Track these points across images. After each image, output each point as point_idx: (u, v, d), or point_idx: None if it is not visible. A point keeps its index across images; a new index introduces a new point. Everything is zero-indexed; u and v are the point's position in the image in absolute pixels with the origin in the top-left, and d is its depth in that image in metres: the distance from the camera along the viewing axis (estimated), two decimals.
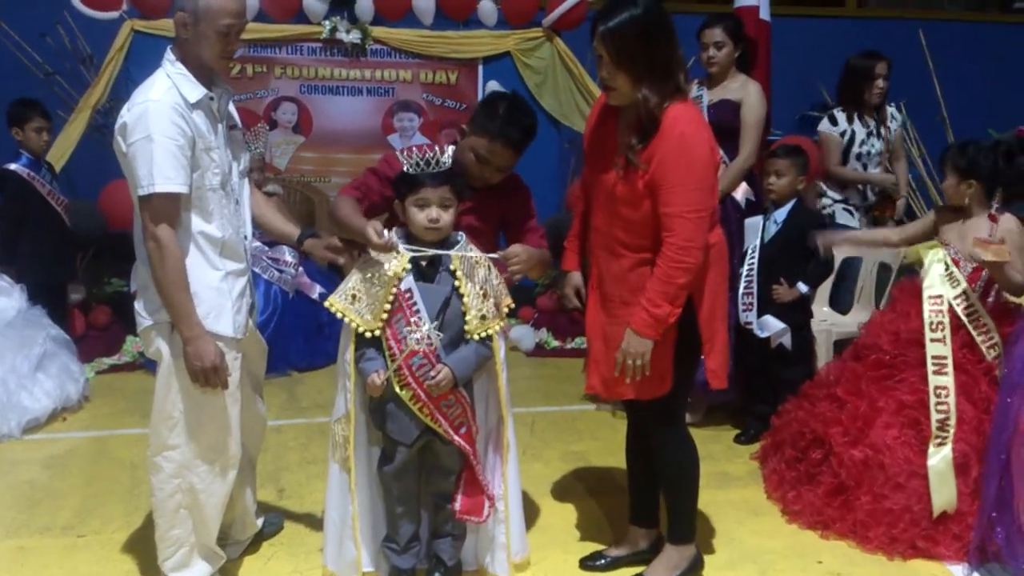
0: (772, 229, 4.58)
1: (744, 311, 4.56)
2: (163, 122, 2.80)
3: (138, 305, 3.03)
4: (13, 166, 5.34)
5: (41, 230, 5.40)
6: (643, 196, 2.95)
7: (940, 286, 3.78)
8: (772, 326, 4.52)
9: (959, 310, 3.73)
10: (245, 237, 3.17)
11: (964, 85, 7.62)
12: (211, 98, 2.96)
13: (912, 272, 4.08)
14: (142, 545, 3.57)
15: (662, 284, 2.93)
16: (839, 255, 5.12)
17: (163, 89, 2.86)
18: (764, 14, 6.00)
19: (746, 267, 4.57)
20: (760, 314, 4.54)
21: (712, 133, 3.03)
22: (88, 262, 6.08)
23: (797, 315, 4.57)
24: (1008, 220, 3.78)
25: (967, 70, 7.78)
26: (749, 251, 4.58)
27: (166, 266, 2.84)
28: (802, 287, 4.51)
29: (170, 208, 2.84)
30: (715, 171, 3.02)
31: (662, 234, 2.94)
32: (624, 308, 3.06)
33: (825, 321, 5.26)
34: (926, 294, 3.79)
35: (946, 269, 3.79)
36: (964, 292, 3.75)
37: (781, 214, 4.57)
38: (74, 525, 3.77)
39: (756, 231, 4.60)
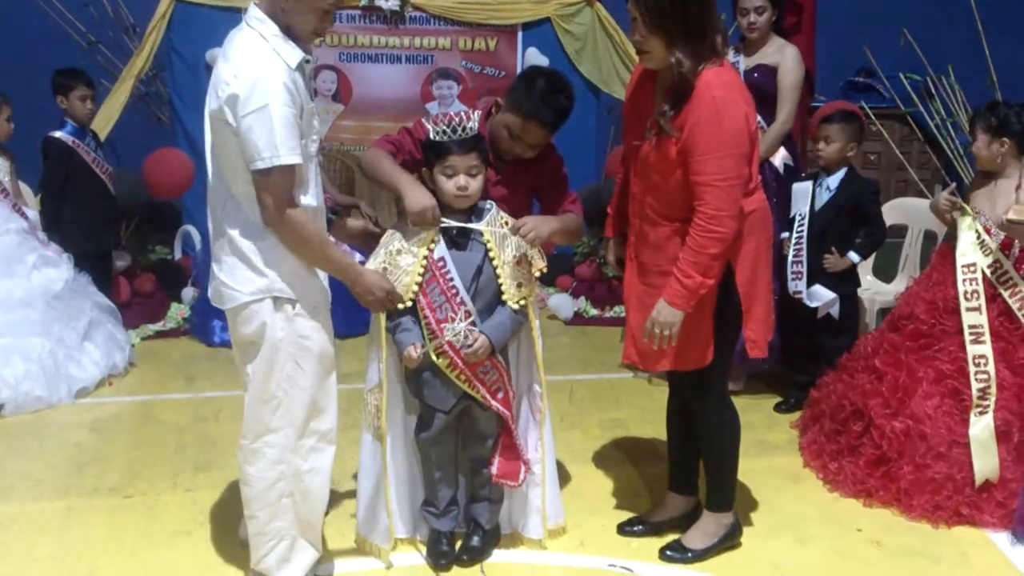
0: (824, 196, 4.50)
1: (793, 279, 4.47)
2: (279, 90, 2.62)
3: (226, 279, 2.82)
4: (58, 133, 5.39)
5: (86, 198, 5.43)
6: (676, 164, 2.91)
7: (973, 254, 3.73)
8: (822, 296, 4.44)
9: (993, 278, 3.70)
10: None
11: (1016, 47, 7.46)
12: (307, 61, 2.78)
13: (948, 239, 4.03)
14: (187, 506, 3.65)
15: (693, 254, 2.89)
16: (887, 222, 5.05)
17: (267, 53, 2.66)
18: None
19: (795, 235, 4.49)
20: (809, 283, 4.47)
21: (750, 98, 2.97)
22: (132, 230, 6.15)
23: (847, 284, 4.52)
24: None
25: (1019, 32, 7.60)
26: (797, 218, 4.50)
27: (305, 237, 2.76)
28: (854, 256, 4.45)
29: (291, 180, 2.70)
30: (750, 138, 2.92)
31: (694, 203, 2.89)
32: (660, 278, 3.02)
33: (868, 290, 5.18)
34: (959, 263, 3.75)
35: (978, 237, 3.74)
36: (997, 260, 3.71)
37: (833, 181, 4.48)
38: (120, 487, 3.83)
39: (805, 197, 4.52)
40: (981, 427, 3.59)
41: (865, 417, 3.83)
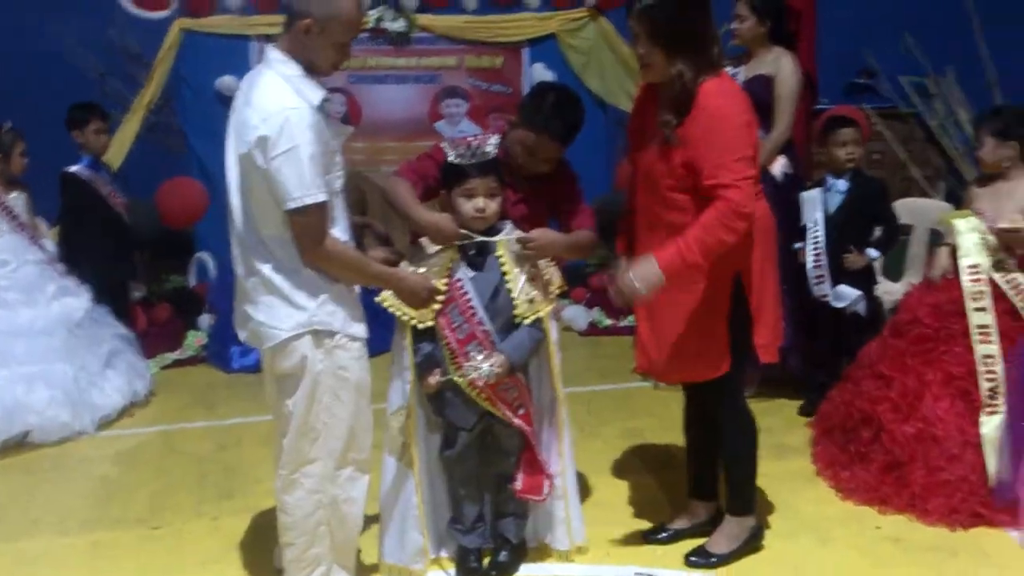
0: (837, 199, 4.58)
1: (817, 283, 4.53)
2: (306, 130, 2.69)
3: (264, 318, 2.85)
4: (75, 168, 5.45)
5: (103, 230, 5.50)
6: (681, 174, 2.97)
7: (976, 255, 3.76)
8: (848, 295, 4.52)
9: (997, 277, 3.72)
10: None
11: (1014, 49, 7.49)
12: (327, 100, 2.85)
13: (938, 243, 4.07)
14: (214, 535, 3.68)
15: (704, 233, 2.89)
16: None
17: (291, 94, 2.73)
18: None
19: (811, 242, 4.55)
20: (832, 285, 4.54)
21: (751, 106, 3.03)
22: (147, 260, 6.20)
23: (866, 281, 4.61)
24: None
25: (1017, 33, 7.63)
26: (811, 225, 4.56)
27: (346, 262, 2.85)
28: (872, 253, 4.54)
29: (325, 216, 2.76)
30: (754, 141, 3.01)
31: (713, 204, 2.91)
32: (667, 288, 3.04)
33: (879, 289, 5.21)
34: (963, 263, 3.77)
35: (981, 238, 3.77)
36: (1001, 260, 3.74)
37: (842, 183, 4.57)
38: (146, 518, 3.86)
39: (815, 204, 4.58)
40: (992, 427, 3.61)
41: (874, 423, 3.85)
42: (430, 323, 3.06)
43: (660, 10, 2.91)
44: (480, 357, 3.06)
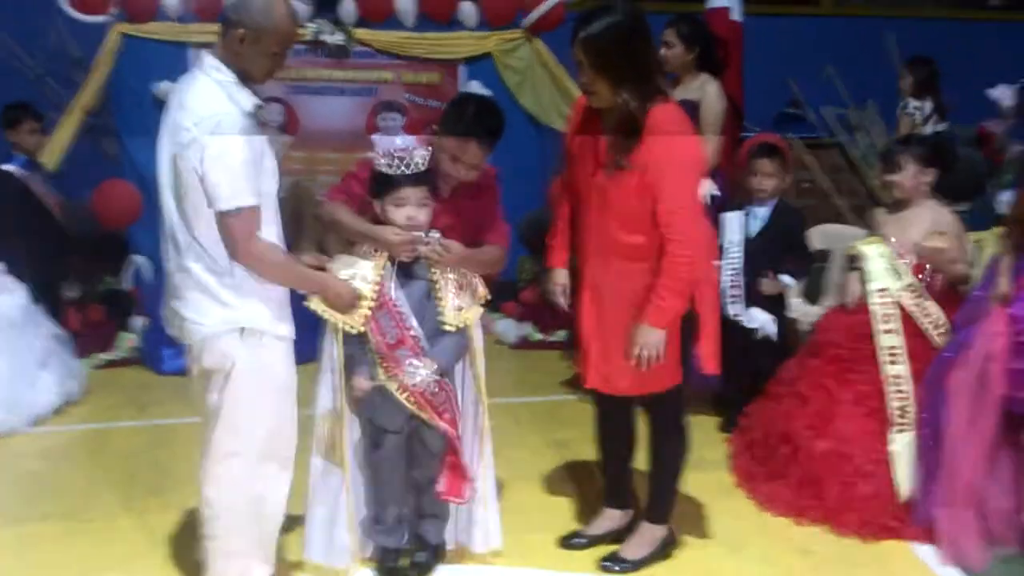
0: (756, 225, 4.70)
1: (732, 303, 4.62)
2: (237, 135, 2.78)
3: (191, 314, 2.92)
4: (7, 167, 5.47)
5: (36, 229, 5.51)
6: (634, 195, 3.06)
7: (884, 279, 3.91)
8: (759, 318, 4.63)
9: (906, 300, 3.87)
10: None
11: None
12: (259, 107, 2.93)
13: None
14: (141, 530, 3.73)
15: (669, 279, 3.06)
16: (812, 247, 5.24)
17: (224, 99, 2.81)
18: (736, 15, 6.16)
19: (728, 262, 4.65)
20: (746, 306, 4.65)
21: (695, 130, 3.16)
22: (81, 260, 6.20)
23: (777, 307, 4.72)
24: (946, 212, 3.94)
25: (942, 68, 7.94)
26: (730, 246, 4.67)
27: (275, 267, 2.93)
28: (786, 279, 4.67)
29: (254, 219, 2.84)
30: (702, 166, 3.17)
31: (662, 231, 3.05)
32: (617, 303, 3.18)
33: (796, 312, 5.37)
34: (871, 287, 3.92)
35: (889, 263, 3.92)
36: (910, 283, 3.89)
37: (763, 211, 4.70)
38: (74, 512, 3.89)
39: (735, 226, 4.70)
40: (902, 443, 3.74)
41: (791, 441, 3.96)
42: (361, 328, 3.14)
43: (602, 40, 2.98)
44: (419, 363, 3.15)
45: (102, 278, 6.22)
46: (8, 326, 4.91)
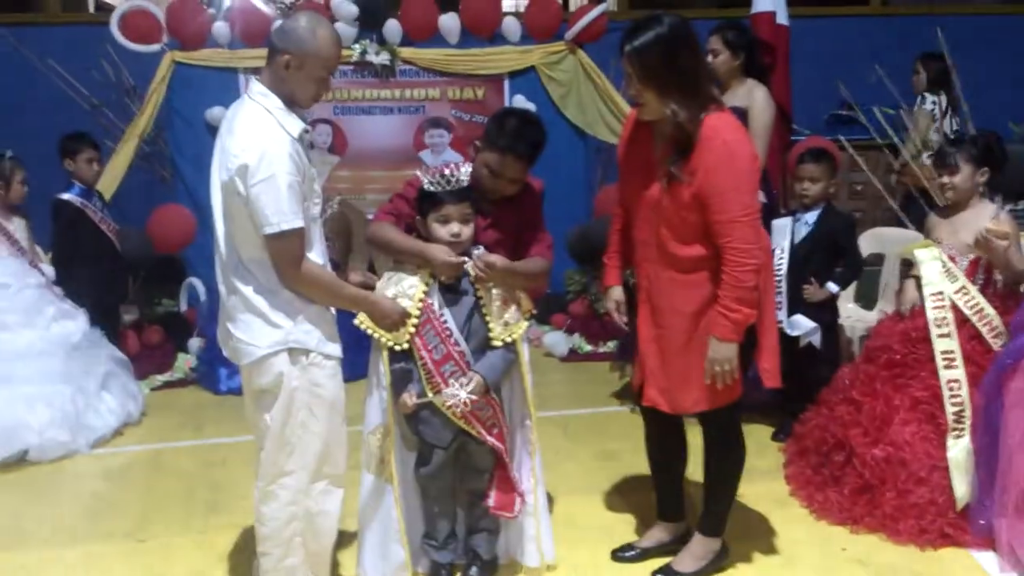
0: (803, 231, 4.68)
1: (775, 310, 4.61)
2: (284, 160, 2.83)
3: (242, 335, 2.99)
4: (67, 196, 5.60)
5: (94, 255, 5.65)
6: (690, 207, 3.04)
7: (939, 283, 3.85)
8: (803, 325, 4.58)
9: (961, 304, 3.81)
10: None
11: (988, 80, 7.64)
12: (306, 131, 2.99)
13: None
14: (201, 548, 3.80)
15: (733, 289, 3.02)
16: (866, 251, 5.19)
17: (272, 126, 2.87)
18: (782, 19, 6.13)
19: (774, 268, 4.63)
20: (790, 313, 4.61)
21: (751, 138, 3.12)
22: (139, 284, 6.33)
23: (826, 314, 4.67)
24: (1001, 211, 3.86)
25: (991, 64, 7.79)
26: (777, 252, 4.62)
27: (323, 288, 2.99)
28: (832, 287, 4.62)
29: (301, 242, 2.90)
30: (758, 174, 3.13)
31: (719, 240, 3.03)
32: (675, 317, 3.16)
33: (850, 318, 5.33)
34: (926, 292, 3.86)
35: (943, 266, 3.86)
36: (963, 287, 3.83)
37: (811, 216, 4.68)
38: (135, 531, 3.97)
39: (784, 232, 4.68)
40: (958, 449, 3.69)
41: (846, 447, 3.92)
42: (406, 345, 3.18)
43: (649, 52, 2.96)
44: (457, 385, 3.17)
45: (159, 301, 6.35)
46: (71, 350, 5.04)
